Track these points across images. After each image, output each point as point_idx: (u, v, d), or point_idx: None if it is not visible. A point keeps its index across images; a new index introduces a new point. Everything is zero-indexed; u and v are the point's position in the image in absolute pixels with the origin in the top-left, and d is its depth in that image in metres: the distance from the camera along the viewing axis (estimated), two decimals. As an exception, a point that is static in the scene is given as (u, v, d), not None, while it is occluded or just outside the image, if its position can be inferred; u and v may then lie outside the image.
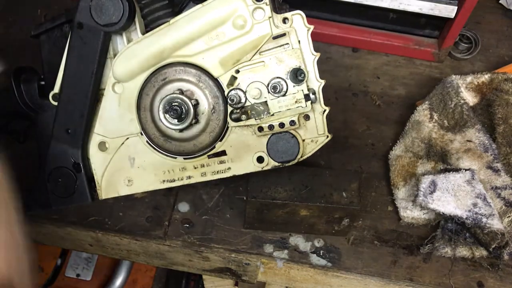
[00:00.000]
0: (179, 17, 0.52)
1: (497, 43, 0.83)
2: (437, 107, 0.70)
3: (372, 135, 0.73)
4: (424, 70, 0.80)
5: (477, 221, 0.58)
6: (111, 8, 0.52)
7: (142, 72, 0.54)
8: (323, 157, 0.69)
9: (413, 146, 0.68)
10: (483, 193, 0.59)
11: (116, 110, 0.56)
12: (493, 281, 0.60)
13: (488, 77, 0.71)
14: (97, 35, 0.53)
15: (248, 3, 0.50)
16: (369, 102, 0.76)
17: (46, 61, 0.59)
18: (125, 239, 0.64)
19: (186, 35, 0.52)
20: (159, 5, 0.54)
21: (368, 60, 0.81)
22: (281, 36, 0.52)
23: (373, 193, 0.67)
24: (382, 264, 0.61)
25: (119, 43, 0.56)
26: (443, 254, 0.61)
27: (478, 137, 0.65)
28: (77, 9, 0.52)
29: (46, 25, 0.58)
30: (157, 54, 0.53)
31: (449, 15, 0.73)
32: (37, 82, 0.60)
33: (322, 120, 0.54)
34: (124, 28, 0.53)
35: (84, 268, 1.33)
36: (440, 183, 0.60)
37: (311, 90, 0.53)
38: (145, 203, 0.65)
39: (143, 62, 0.53)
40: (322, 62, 0.55)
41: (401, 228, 0.64)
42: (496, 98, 0.68)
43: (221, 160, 0.56)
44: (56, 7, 0.87)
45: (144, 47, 0.53)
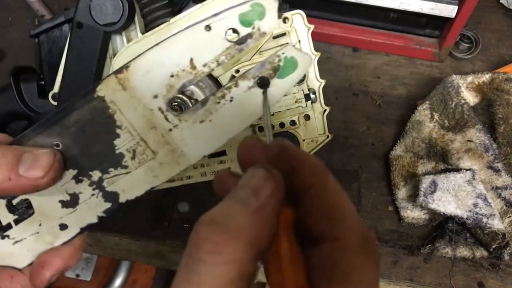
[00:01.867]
0: (179, 17, 0.51)
1: (497, 43, 0.83)
2: (437, 107, 0.69)
3: (373, 135, 0.72)
4: (424, 70, 0.80)
5: (478, 221, 0.58)
6: (110, 8, 0.51)
7: (141, 72, 0.54)
8: (323, 157, 0.69)
9: (413, 146, 0.68)
10: (483, 193, 0.59)
11: (116, 110, 0.56)
12: (493, 281, 0.60)
13: (489, 77, 0.71)
14: (97, 34, 0.53)
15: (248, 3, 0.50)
16: (369, 102, 0.76)
17: (46, 61, 0.59)
18: (125, 239, 0.64)
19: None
20: (158, 5, 0.54)
21: (368, 60, 0.81)
22: (281, 36, 0.52)
23: (373, 193, 0.67)
24: (383, 265, 0.61)
25: (119, 43, 0.55)
26: (443, 254, 0.61)
27: (479, 137, 0.65)
28: (77, 9, 0.52)
29: (46, 25, 0.58)
30: (157, 53, 0.53)
31: (450, 14, 0.73)
32: (37, 82, 0.60)
33: (322, 120, 0.54)
34: (123, 27, 0.52)
35: (83, 268, 1.33)
36: (441, 183, 0.60)
37: (311, 90, 0.53)
38: (145, 203, 0.65)
39: (143, 62, 0.53)
40: (322, 62, 0.55)
41: (401, 228, 0.64)
42: (496, 98, 0.68)
43: (221, 160, 0.56)
44: (56, 6, 0.87)
45: (144, 47, 0.53)
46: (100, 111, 0.40)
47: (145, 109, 0.41)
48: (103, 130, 0.41)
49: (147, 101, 0.41)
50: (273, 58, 0.42)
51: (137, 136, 0.41)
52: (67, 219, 0.43)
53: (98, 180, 0.42)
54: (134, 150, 0.42)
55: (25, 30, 0.86)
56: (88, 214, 0.43)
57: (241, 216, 0.26)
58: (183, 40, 0.40)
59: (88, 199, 0.43)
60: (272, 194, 0.27)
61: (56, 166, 0.39)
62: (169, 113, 0.42)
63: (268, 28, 0.41)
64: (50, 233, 0.43)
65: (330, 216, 0.27)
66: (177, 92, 0.42)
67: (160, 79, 0.41)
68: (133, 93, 0.40)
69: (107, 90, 0.40)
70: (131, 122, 0.41)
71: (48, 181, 0.39)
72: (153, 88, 0.41)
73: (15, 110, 0.59)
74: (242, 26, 0.40)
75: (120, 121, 0.41)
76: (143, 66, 0.40)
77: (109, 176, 0.42)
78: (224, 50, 0.41)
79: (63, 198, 0.42)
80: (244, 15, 0.40)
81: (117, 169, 0.42)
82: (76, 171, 0.41)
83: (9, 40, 0.86)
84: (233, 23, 0.40)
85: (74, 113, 0.40)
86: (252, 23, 0.40)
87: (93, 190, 0.42)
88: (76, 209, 0.43)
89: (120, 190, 0.43)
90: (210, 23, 0.40)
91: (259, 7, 0.40)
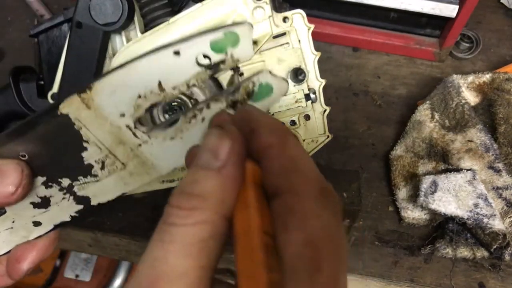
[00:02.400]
0: (178, 17, 0.51)
1: (498, 43, 0.83)
2: (438, 107, 0.69)
3: (373, 135, 0.72)
4: (425, 69, 0.80)
5: (478, 221, 0.58)
6: (110, 8, 0.51)
7: (141, 72, 0.54)
8: (324, 157, 0.69)
9: (414, 146, 0.68)
10: (484, 194, 0.59)
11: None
12: (494, 282, 0.60)
13: (490, 77, 0.70)
14: (96, 34, 0.53)
15: (247, 2, 0.50)
16: (369, 102, 0.76)
17: (45, 61, 0.59)
18: (125, 239, 0.64)
19: (186, 35, 0.52)
20: (158, 5, 0.54)
21: (368, 59, 0.81)
22: (281, 36, 0.52)
23: (373, 194, 0.67)
24: (383, 265, 0.61)
25: (118, 42, 0.55)
26: (444, 254, 0.60)
27: (479, 137, 0.65)
28: (76, 8, 0.52)
29: (45, 25, 0.58)
30: (157, 53, 0.52)
31: (450, 14, 0.72)
32: (36, 82, 0.59)
33: (322, 120, 0.54)
34: (123, 27, 0.52)
35: (83, 269, 1.33)
36: (441, 183, 0.60)
37: (311, 89, 0.53)
38: (144, 203, 0.65)
39: (143, 62, 0.53)
40: (322, 62, 0.55)
41: (402, 228, 0.64)
42: (497, 98, 0.68)
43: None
44: (55, 6, 0.87)
45: (144, 46, 0.52)
46: (65, 126, 0.39)
47: (112, 126, 0.40)
48: (70, 143, 0.40)
49: (113, 119, 0.40)
50: (247, 83, 0.42)
51: (105, 150, 0.41)
52: (40, 217, 0.43)
53: (68, 186, 0.42)
54: (103, 161, 0.41)
55: (24, 29, 0.86)
56: (60, 214, 0.43)
57: (205, 180, 0.27)
58: (150, 63, 0.39)
59: (60, 202, 0.42)
60: (231, 150, 0.27)
61: (25, 183, 0.39)
62: (137, 130, 0.41)
63: (241, 56, 0.40)
64: (24, 228, 0.43)
65: (288, 171, 0.27)
66: (145, 112, 0.40)
67: (127, 99, 0.39)
68: (99, 111, 0.39)
69: (71, 109, 0.39)
70: (98, 138, 0.40)
71: (18, 197, 0.39)
72: (120, 108, 0.39)
73: (14, 110, 0.59)
74: (213, 53, 0.39)
75: (86, 136, 0.40)
76: (108, 87, 0.39)
77: (79, 183, 0.42)
78: (194, 75, 0.40)
79: (34, 200, 0.42)
80: (216, 42, 0.38)
81: (86, 178, 0.42)
82: (44, 178, 0.41)
83: (8, 40, 0.85)
84: (203, 49, 0.38)
85: (38, 127, 0.39)
86: (224, 50, 0.39)
87: (63, 194, 0.42)
88: (49, 209, 0.42)
89: (91, 195, 0.43)
90: (180, 48, 0.38)
91: (232, 35, 0.39)
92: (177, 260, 0.25)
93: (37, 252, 0.45)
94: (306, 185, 0.26)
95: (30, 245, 0.45)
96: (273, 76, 0.41)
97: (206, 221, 0.26)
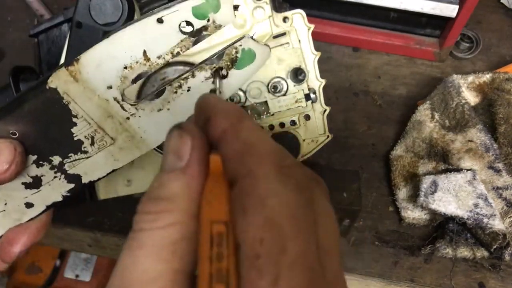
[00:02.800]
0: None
1: (498, 43, 0.83)
2: (438, 107, 0.69)
3: (373, 135, 0.72)
4: (425, 69, 0.80)
5: (478, 221, 0.58)
6: (110, 7, 0.51)
7: (141, 72, 0.54)
8: (324, 157, 0.69)
9: (414, 146, 0.68)
10: (484, 194, 0.59)
11: (115, 109, 0.56)
12: (494, 282, 0.60)
13: (490, 77, 0.70)
14: (96, 34, 0.53)
15: (248, 2, 0.50)
16: (369, 102, 0.76)
17: (45, 61, 0.59)
18: (125, 239, 0.64)
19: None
20: (158, 4, 0.54)
21: (368, 59, 0.81)
22: (281, 36, 0.52)
23: (373, 194, 0.67)
24: (383, 265, 0.61)
25: (118, 42, 0.55)
26: (444, 254, 0.60)
27: (480, 137, 0.65)
28: (76, 8, 0.52)
29: (45, 25, 0.57)
30: (157, 53, 0.52)
31: (450, 14, 0.72)
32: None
33: (322, 120, 0.54)
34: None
35: (83, 269, 1.33)
36: (441, 183, 0.60)
37: (311, 89, 0.53)
38: (144, 203, 0.65)
39: (142, 62, 0.53)
40: (322, 62, 0.55)
41: (402, 228, 0.64)
42: (497, 98, 0.68)
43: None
44: (55, 6, 0.87)
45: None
46: (54, 101, 0.39)
47: (100, 99, 0.40)
48: (59, 119, 0.40)
49: (101, 92, 0.40)
50: (231, 49, 0.42)
51: (94, 124, 0.41)
52: (32, 198, 0.43)
53: (59, 164, 0.42)
54: (93, 137, 0.41)
55: (24, 29, 0.86)
56: (52, 194, 0.43)
57: (170, 183, 0.26)
58: (134, 33, 0.39)
59: (51, 181, 0.42)
60: (193, 148, 0.27)
61: (18, 160, 0.39)
62: (125, 103, 0.41)
63: (223, 21, 0.40)
64: (16, 211, 0.43)
65: (242, 154, 0.26)
66: (132, 82, 0.41)
67: (113, 70, 0.40)
68: (86, 84, 0.39)
69: (59, 82, 0.39)
70: (87, 111, 0.40)
71: (11, 175, 0.38)
72: (107, 80, 0.40)
73: (14, 110, 0.59)
74: (196, 19, 0.39)
75: (75, 111, 0.40)
76: (94, 59, 0.39)
77: (70, 160, 0.42)
78: (178, 43, 0.40)
79: (25, 181, 0.42)
80: (198, 8, 0.39)
81: (77, 154, 0.42)
82: (36, 157, 0.41)
83: (8, 40, 0.85)
84: (186, 15, 0.39)
85: (27, 103, 0.39)
86: (206, 15, 0.39)
87: (55, 173, 0.42)
88: (40, 189, 0.42)
89: (82, 173, 0.43)
90: (163, 15, 0.39)
91: (213, 0, 0.39)
92: (147, 265, 0.24)
93: (29, 235, 0.45)
94: (262, 166, 0.25)
95: (23, 228, 0.44)
96: (255, 41, 0.42)
97: (176, 223, 0.25)
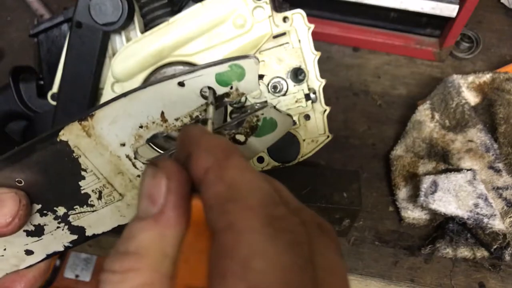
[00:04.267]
0: (178, 17, 0.51)
1: (498, 43, 0.83)
2: (438, 107, 0.69)
3: (373, 135, 0.72)
4: (425, 69, 0.80)
5: (479, 221, 0.57)
6: (110, 7, 0.51)
7: (141, 72, 0.54)
8: (324, 157, 0.69)
9: (414, 146, 0.68)
10: (484, 194, 0.59)
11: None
12: (494, 282, 0.60)
13: (490, 77, 0.70)
14: (96, 34, 0.53)
15: (248, 2, 0.50)
16: (370, 101, 0.76)
17: (45, 61, 0.59)
18: (124, 239, 0.64)
19: (186, 35, 0.52)
20: (158, 4, 0.54)
21: (369, 59, 0.81)
22: (282, 35, 0.52)
23: (374, 194, 0.67)
24: (383, 265, 0.61)
25: (118, 42, 0.55)
26: (444, 254, 0.60)
27: (480, 137, 0.65)
28: (76, 8, 0.52)
29: (45, 25, 0.57)
30: (156, 53, 0.52)
31: (451, 14, 0.72)
32: (36, 81, 0.59)
33: (322, 120, 0.54)
34: (123, 27, 0.52)
35: (83, 269, 1.33)
36: (442, 183, 0.60)
37: (311, 89, 0.53)
38: (144, 203, 0.65)
39: (142, 62, 0.53)
40: (322, 62, 0.55)
41: (402, 228, 0.64)
42: (497, 98, 0.68)
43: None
44: (55, 6, 0.87)
45: (143, 46, 0.53)
46: (63, 154, 0.38)
47: (111, 155, 0.39)
48: (68, 171, 0.39)
49: (113, 149, 0.39)
50: (252, 118, 0.41)
51: (103, 179, 0.40)
52: (33, 246, 0.42)
53: (63, 215, 0.41)
54: (100, 191, 0.40)
55: (24, 29, 0.86)
56: (54, 243, 0.42)
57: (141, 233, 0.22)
58: (154, 93, 0.38)
59: (54, 231, 0.41)
60: (169, 190, 0.23)
61: (22, 214, 0.37)
62: (137, 161, 0.40)
63: (247, 90, 0.38)
64: (15, 256, 0.42)
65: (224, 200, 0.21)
66: (146, 141, 0.40)
67: (128, 129, 0.38)
68: (99, 140, 0.38)
69: (71, 136, 0.38)
70: (97, 167, 0.39)
71: (13, 228, 0.37)
72: (121, 137, 0.39)
73: (14, 110, 0.59)
74: (218, 85, 0.37)
75: (85, 165, 0.39)
76: (109, 116, 0.38)
77: (75, 212, 0.41)
78: (198, 107, 0.38)
79: (27, 228, 0.41)
80: (222, 75, 0.37)
81: (82, 207, 0.41)
82: (40, 206, 0.40)
83: (8, 40, 0.85)
84: (209, 82, 0.37)
85: (36, 154, 0.38)
86: (229, 83, 0.37)
87: (58, 223, 0.41)
88: (42, 238, 0.42)
89: (86, 225, 0.42)
90: (184, 79, 0.37)
91: (238, 69, 0.37)
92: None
93: (25, 283, 0.42)
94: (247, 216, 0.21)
95: (19, 276, 0.42)
96: (278, 111, 0.41)
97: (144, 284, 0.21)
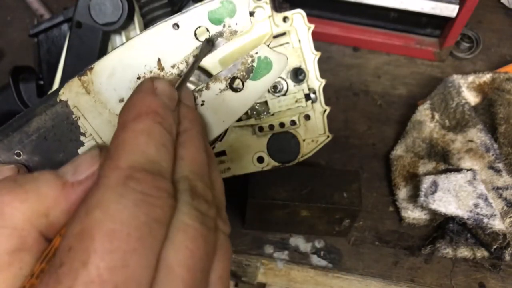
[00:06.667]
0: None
1: (498, 43, 0.83)
2: (438, 107, 0.69)
3: (373, 135, 0.72)
4: (425, 69, 0.80)
5: (479, 221, 0.58)
6: (110, 7, 0.51)
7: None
8: (324, 157, 0.69)
9: (414, 146, 0.68)
10: (484, 194, 0.59)
11: (115, 110, 0.56)
12: (494, 282, 0.60)
13: (490, 77, 0.70)
14: (96, 34, 0.53)
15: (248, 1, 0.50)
16: (370, 101, 0.76)
17: (45, 61, 0.59)
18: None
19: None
20: (158, 4, 0.54)
21: (369, 59, 0.81)
22: (281, 35, 0.52)
23: (374, 194, 0.67)
24: (383, 265, 0.61)
25: (118, 42, 0.55)
26: (444, 254, 0.60)
27: (480, 137, 0.65)
28: (76, 8, 0.52)
29: (45, 24, 0.58)
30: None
31: (451, 14, 0.72)
32: (36, 81, 0.59)
33: (322, 120, 0.54)
34: (123, 27, 0.52)
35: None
36: (442, 184, 0.60)
37: (311, 89, 0.53)
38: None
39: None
40: (322, 62, 0.55)
41: (402, 228, 0.64)
42: (497, 98, 0.68)
43: (221, 160, 0.56)
44: (55, 6, 0.87)
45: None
46: (62, 116, 0.38)
47: (110, 114, 0.39)
48: (66, 138, 0.39)
49: (112, 106, 0.39)
50: (246, 58, 0.41)
51: (102, 143, 0.40)
52: None
53: None
54: None
55: (24, 29, 0.86)
56: None
57: (45, 183, 0.25)
58: (150, 39, 0.38)
59: None
60: (93, 174, 0.26)
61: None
62: None
63: (239, 27, 0.40)
64: None
65: (110, 152, 0.25)
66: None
67: (126, 81, 0.38)
68: (98, 97, 0.38)
69: (70, 94, 0.37)
70: (96, 128, 0.39)
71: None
72: (119, 92, 0.38)
73: (14, 110, 0.59)
74: (211, 24, 0.38)
75: (84, 128, 0.39)
76: (108, 67, 0.38)
77: None
78: (193, 50, 0.39)
79: None
80: (214, 12, 0.38)
81: None
82: None
83: (8, 40, 0.85)
84: (202, 20, 0.38)
85: (35, 119, 0.37)
86: (222, 20, 0.38)
87: None
88: None
89: None
90: (178, 21, 0.38)
91: (229, 4, 0.39)
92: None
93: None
94: (111, 172, 0.23)
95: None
96: (272, 50, 0.41)
97: (16, 228, 0.23)
